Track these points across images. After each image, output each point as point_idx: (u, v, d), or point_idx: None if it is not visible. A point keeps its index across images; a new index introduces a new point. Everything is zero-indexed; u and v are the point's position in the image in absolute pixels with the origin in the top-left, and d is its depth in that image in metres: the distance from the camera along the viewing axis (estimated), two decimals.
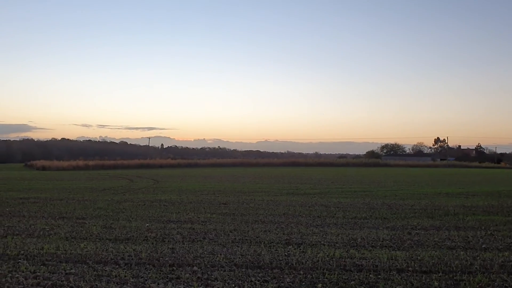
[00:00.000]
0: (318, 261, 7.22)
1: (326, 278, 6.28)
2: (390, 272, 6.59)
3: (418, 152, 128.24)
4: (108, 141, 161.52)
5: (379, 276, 6.36)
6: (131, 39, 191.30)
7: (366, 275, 6.40)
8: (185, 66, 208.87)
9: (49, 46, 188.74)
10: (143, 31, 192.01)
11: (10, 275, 6.32)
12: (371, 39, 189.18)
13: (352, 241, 8.92)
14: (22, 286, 5.83)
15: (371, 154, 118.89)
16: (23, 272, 6.50)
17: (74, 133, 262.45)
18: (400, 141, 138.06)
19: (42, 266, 6.81)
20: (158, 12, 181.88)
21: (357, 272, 6.60)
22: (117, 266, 6.84)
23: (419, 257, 7.50)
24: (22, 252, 7.76)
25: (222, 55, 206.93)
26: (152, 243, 8.63)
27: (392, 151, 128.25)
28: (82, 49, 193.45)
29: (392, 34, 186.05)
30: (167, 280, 6.13)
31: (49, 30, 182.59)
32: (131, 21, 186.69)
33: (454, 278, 6.30)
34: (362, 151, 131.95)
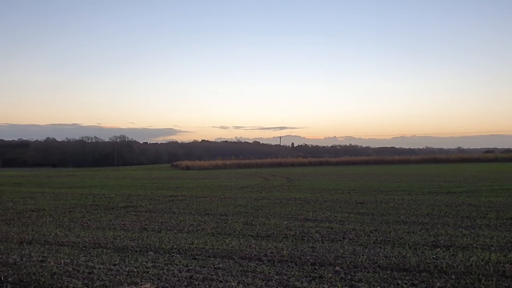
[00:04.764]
0: (471, 265, 6.62)
1: (483, 284, 5.72)
2: None
3: None
4: (243, 141, 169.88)
5: None
6: (265, 42, 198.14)
7: None
8: (315, 66, 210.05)
9: (192, 59, 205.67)
10: (281, 32, 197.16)
11: (166, 267, 6.87)
12: None
13: (509, 245, 8.02)
14: (177, 279, 6.27)
15: None
16: (176, 265, 7.02)
17: (213, 135, 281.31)
18: None
19: (193, 260, 7.30)
20: (295, 12, 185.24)
21: None
22: (260, 263, 7.05)
23: None
24: (175, 246, 8.41)
25: (354, 54, 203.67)
26: (292, 241, 8.73)
27: None
28: (224, 57, 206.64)
29: None
30: (310, 279, 6.12)
31: (183, 42, 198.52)
32: (267, 22, 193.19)
33: None
34: None
